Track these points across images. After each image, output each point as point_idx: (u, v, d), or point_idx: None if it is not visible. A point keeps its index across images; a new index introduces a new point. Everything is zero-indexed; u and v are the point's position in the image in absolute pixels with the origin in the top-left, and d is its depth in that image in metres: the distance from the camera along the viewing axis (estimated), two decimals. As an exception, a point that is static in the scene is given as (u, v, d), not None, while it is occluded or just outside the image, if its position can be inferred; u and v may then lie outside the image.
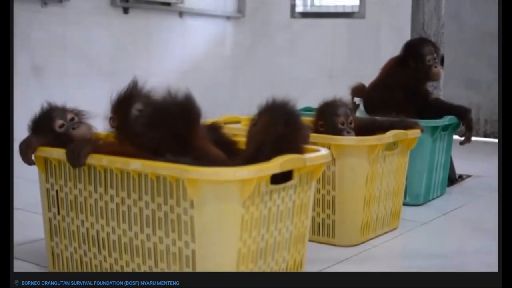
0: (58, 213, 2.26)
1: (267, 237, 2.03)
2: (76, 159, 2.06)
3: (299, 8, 6.98)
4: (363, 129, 2.77)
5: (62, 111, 2.31)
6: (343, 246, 2.69)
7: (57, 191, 2.24)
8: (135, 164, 1.95)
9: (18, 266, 2.37)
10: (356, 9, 6.67)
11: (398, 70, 3.53)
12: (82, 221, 2.19)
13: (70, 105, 2.37)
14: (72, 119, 2.29)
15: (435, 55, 3.47)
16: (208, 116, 2.22)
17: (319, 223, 2.74)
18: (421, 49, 3.48)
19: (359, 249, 2.67)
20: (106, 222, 2.11)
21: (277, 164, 1.93)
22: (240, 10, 7.07)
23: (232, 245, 1.91)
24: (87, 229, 2.18)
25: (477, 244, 2.80)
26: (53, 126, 2.26)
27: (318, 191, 2.70)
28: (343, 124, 2.78)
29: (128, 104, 2.26)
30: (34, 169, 2.28)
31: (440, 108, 3.50)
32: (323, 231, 2.73)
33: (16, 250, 2.51)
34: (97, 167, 2.08)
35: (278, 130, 2.04)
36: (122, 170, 2.02)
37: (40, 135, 2.25)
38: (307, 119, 2.82)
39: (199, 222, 1.88)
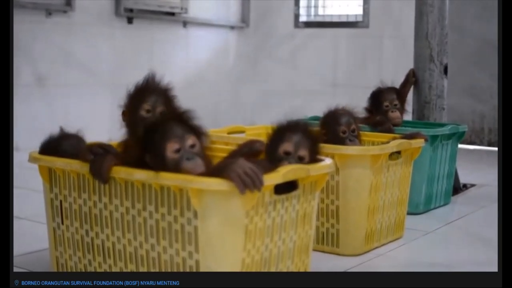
0: (62, 223, 2.26)
1: (271, 247, 2.03)
2: (99, 176, 2.04)
3: (302, 18, 6.98)
4: None
5: (70, 146, 2.26)
6: (347, 255, 2.69)
7: (61, 201, 2.25)
8: (139, 174, 1.96)
9: (23, 276, 2.37)
10: (359, 18, 6.67)
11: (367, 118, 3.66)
12: (87, 231, 2.19)
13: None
14: None
15: (395, 102, 3.63)
16: (211, 126, 2.23)
17: (323, 233, 2.74)
18: (380, 97, 3.66)
19: (363, 259, 2.67)
20: (111, 232, 2.12)
21: (280, 174, 1.94)
22: (244, 19, 7.08)
23: (236, 255, 1.91)
24: (92, 238, 2.18)
25: (480, 255, 2.79)
26: None
27: (322, 200, 2.70)
28: (344, 132, 2.79)
29: (137, 102, 2.27)
30: (38, 179, 2.29)
31: None
32: (327, 240, 2.73)
33: (20, 260, 2.51)
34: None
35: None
36: (126, 180, 2.03)
37: None
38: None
39: (202, 233, 1.88)
